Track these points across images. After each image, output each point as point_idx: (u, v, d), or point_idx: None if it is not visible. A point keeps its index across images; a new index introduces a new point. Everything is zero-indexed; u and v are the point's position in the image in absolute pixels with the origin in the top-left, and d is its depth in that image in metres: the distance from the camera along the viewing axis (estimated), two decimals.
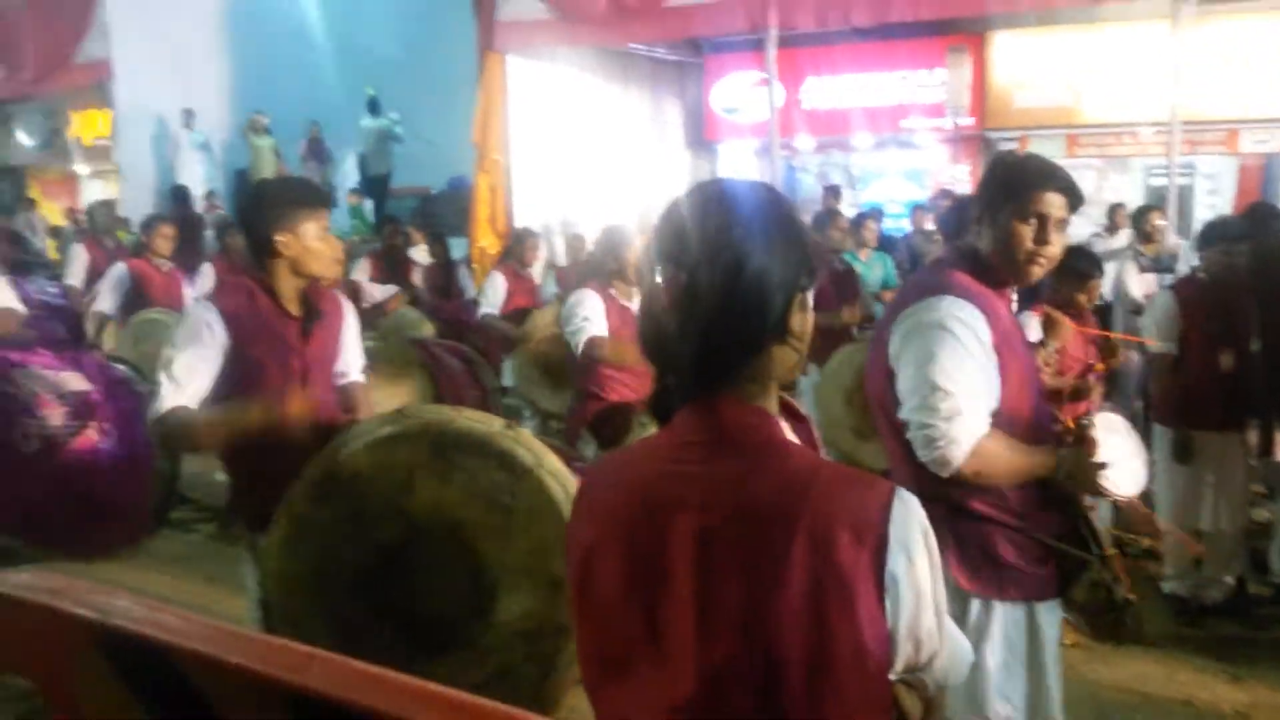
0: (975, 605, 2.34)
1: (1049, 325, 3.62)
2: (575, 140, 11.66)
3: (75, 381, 3.85)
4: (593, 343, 4.23)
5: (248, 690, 0.64)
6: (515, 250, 7.46)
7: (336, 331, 3.20)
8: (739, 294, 1.28)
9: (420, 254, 9.81)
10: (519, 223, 9.95)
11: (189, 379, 2.81)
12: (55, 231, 15.32)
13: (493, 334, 6.87)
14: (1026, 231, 2.31)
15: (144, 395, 3.99)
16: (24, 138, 17.48)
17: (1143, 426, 4.66)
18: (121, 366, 4.19)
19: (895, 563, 1.24)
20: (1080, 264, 4.40)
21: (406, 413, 2.74)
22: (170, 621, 0.68)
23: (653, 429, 1.42)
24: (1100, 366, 4.48)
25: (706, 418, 1.32)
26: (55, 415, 3.70)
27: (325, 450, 2.70)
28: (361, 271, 7.95)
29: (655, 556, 1.30)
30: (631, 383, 4.35)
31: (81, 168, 17.65)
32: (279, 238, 2.89)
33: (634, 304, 4.37)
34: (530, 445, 2.64)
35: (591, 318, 4.30)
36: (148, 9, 14.33)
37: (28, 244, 12.21)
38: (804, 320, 1.35)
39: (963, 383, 2.18)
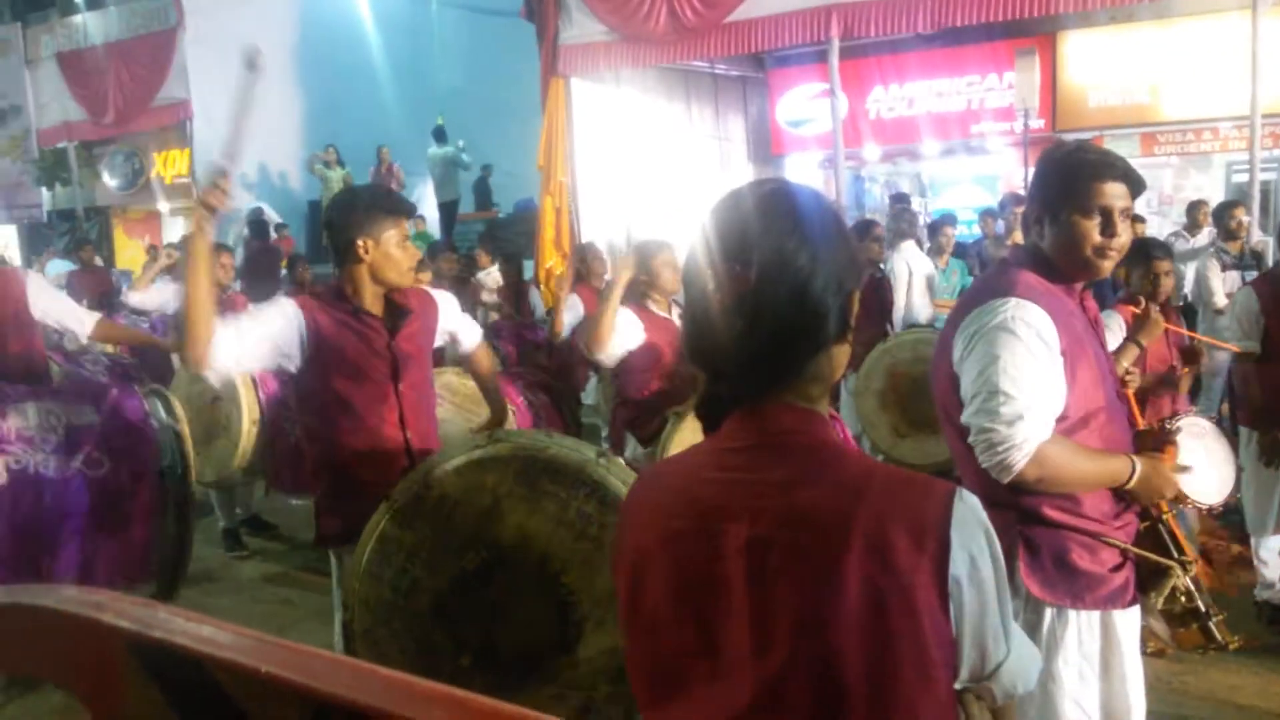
0: (1049, 614, 2.27)
1: (1141, 323, 3.50)
2: (640, 160, 11.72)
3: (82, 415, 3.86)
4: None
5: (280, 699, 0.64)
6: (582, 267, 7.50)
7: (430, 326, 3.25)
8: (809, 295, 1.26)
9: (486, 277, 9.94)
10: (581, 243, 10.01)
11: (246, 326, 2.89)
12: (152, 249, 15.84)
13: (576, 356, 6.86)
14: (1092, 226, 2.25)
15: (158, 428, 3.97)
16: (109, 178, 18.14)
17: (1229, 430, 4.49)
18: (154, 399, 4.15)
19: (958, 566, 1.20)
20: (1142, 247, 4.29)
21: (499, 435, 2.71)
22: (206, 632, 0.68)
23: (686, 421, 1.41)
24: (1185, 370, 4.34)
25: (755, 422, 1.29)
26: (36, 450, 3.69)
27: (415, 470, 2.70)
28: None
29: (706, 566, 1.28)
30: (658, 375, 4.35)
31: (163, 205, 18.27)
32: (360, 241, 2.98)
33: (673, 315, 4.41)
34: (623, 475, 2.55)
35: (621, 330, 4.28)
36: (223, 49, 14.73)
37: (117, 284, 12.68)
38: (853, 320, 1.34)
39: (1026, 386, 2.13)
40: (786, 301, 1.26)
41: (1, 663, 0.78)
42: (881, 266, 6.96)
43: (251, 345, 2.87)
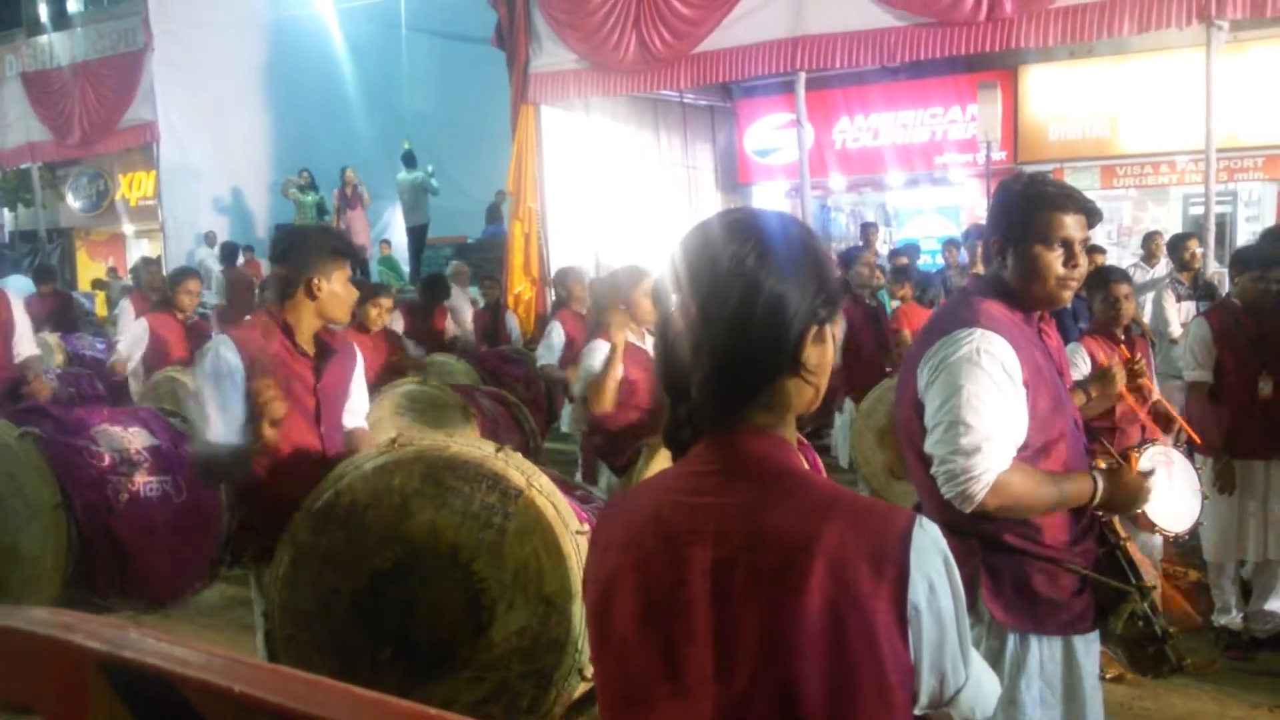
0: (1012, 639, 2.29)
1: (1100, 375, 3.49)
2: (609, 187, 11.79)
3: (142, 437, 4.01)
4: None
5: (252, 718, 0.65)
6: (562, 293, 7.43)
7: (348, 372, 3.33)
8: (750, 322, 1.27)
9: (459, 300, 9.92)
10: (554, 269, 10.05)
11: (231, 410, 2.98)
12: (99, 283, 15.68)
13: (552, 382, 6.83)
14: (1054, 258, 2.30)
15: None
16: (73, 200, 17.95)
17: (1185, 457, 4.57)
18: (175, 420, 4.30)
19: (917, 593, 1.22)
20: (1100, 273, 4.38)
21: (401, 441, 2.86)
22: (177, 652, 0.69)
23: (660, 451, 1.42)
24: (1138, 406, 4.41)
25: (722, 448, 1.31)
26: (137, 470, 3.87)
27: (324, 480, 2.83)
28: (396, 323, 8.02)
29: (672, 589, 1.29)
30: (643, 406, 4.36)
31: (128, 227, 18.10)
32: (316, 279, 3.09)
33: (645, 344, 4.42)
34: (521, 466, 2.75)
35: (596, 365, 4.31)
36: (191, 72, 14.77)
37: (76, 303, 12.54)
38: (822, 353, 1.33)
39: (987, 417, 2.16)
40: (725, 331, 1.28)
41: None
42: (879, 295, 6.96)
43: (235, 415, 2.98)
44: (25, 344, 4.74)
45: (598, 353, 4.33)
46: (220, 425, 2.96)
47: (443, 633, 2.71)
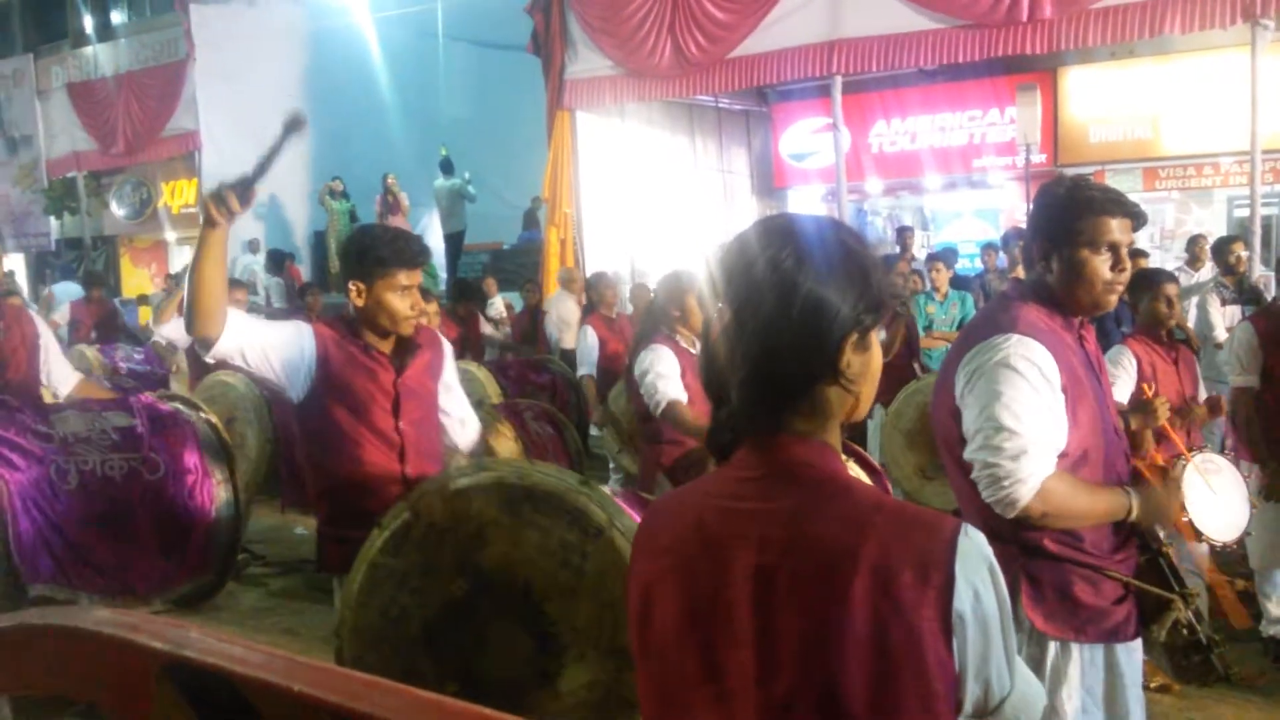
0: (1053, 647, 2.28)
1: (1143, 406, 3.42)
2: (644, 192, 11.81)
3: (117, 418, 3.94)
4: (673, 406, 4.10)
5: (312, 717, 0.67)
6: (594, 296, 7.50)
7: (434, 365, 3.24)
8: (786, 327, 1.27)
9: (490, 308, 10.01)
10: (589, 274, 10.09)
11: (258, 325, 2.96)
12: (143, 299, 15.93)
13: (588, 397, 6.83)
14: (1102, 263, 2.27)
15: (194, 424, 4.09)
16: (117, 208, 18.26)
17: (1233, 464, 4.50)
18: (173, 403, 4.25)
19: (962, 601, 1.21)
20: (1147, 275, 4.32)
21: (484, 464, 2.73)
22: (237, 652, 0.71)
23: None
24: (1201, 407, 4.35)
25: (763, 453, 1.31)
26: (94, 450, 3.77)
27: (405, 498, 2.71)
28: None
29: (714, 594, 1.30)
30: (704, 417, 4.28)
31: (170, 234, 18.37)
32: (352, 284, 3.02)
33: (698, 350, 4.35)
34: (604, 503, 2.52)
35: (667, 374, 4.17)
36: (232, 81, 14.97)
37: (119, 314, 12.75)
38: (865, 361, 1.32)
39: (1029, 422, 2.15)
40: (761, 335, 1.28)
41: (33, 684, 0.81)
42: (917, 299, 6.94)
43: (257, 342, 2.90)
44: (59, 368, 4.69)
45: (662, 359, 4.19)
46: (243, 327, 2.89)
47: (511, 674, 2.53)
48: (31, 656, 0.78)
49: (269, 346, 2.93)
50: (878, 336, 1.36)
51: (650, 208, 11.80)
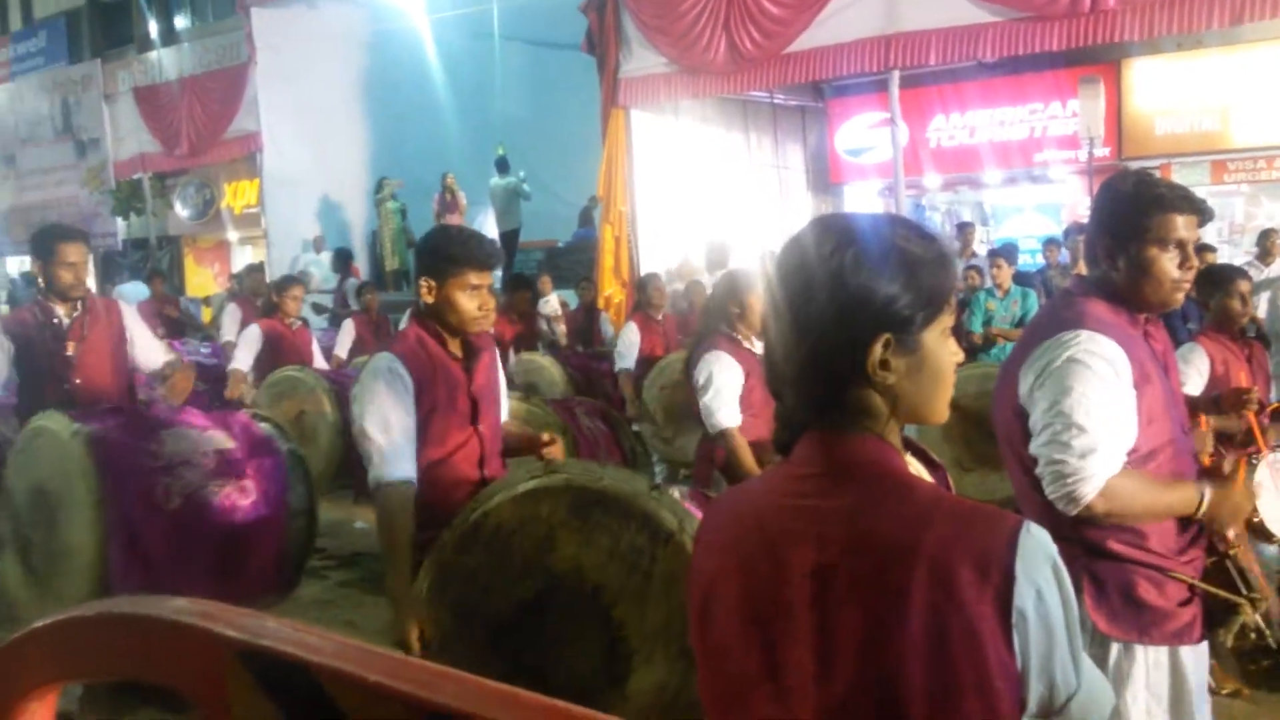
0: (1115, 649, 2.24)
1: (1238, 399, 3.33)
2: (699, 189, 11.80)
3: (220, 440, 4.06)
4: (728, 436, 4.09)
5: (387, 707, 0.68)
6: (642, 297, 7.59)
7: (495, 367, 3.30)
8: (819, 328, 1.28)
9: (545, 305, 10.08)
10: (644, 271, 10.10)
11: (405, 437, 2.92)
12: (208, 300, 16.30)
13: (628, 393, 6.91)
14: (1169, 261, 2.23)
15: (285, 453, 4.20)
16: (181, 208, 18.66)
17: None
18: (265, 425, 4.38)
19: (1023, 599, 1.20)
20: (1218, 272, 4.22)
21: (553, 466, 2.74)
22: (311, 641, 0.72)
23: None
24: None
25: (821, 450, 1.31)
26: (197, 473, 3.88)
27: (474, 499, 2.73)
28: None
29: (773, 591, 1.30)
30: (763, 415, 4.28)
31: (232, 234, 18.74)
32: (424, 281, 3.04)
33: (759, 348, 4.33)
34: (674, 508, 2.53)
35: (725, 391, 4.13)
36: (292, 84, 15.23)
37: (185, 308, 13.06)
38: (912, 361, 1.29)
39: (1097, 419, 2.11)
40: (802, 332, 1.29)
41: (117, 670, 0.83)
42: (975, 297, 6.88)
43: (411, 443, 2.96)
44: (151, 350, 4.86)
45: (722, 369, 4.16)
46: (394, 454, 2.90)
47: (580, 675, 2.54)
48: (110, 643, 0.81)
49: (413, 429, 2.97)
50: (941, 333, 1.32)
51: (705, 205, 11.78)
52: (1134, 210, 2.27)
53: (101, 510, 3.61)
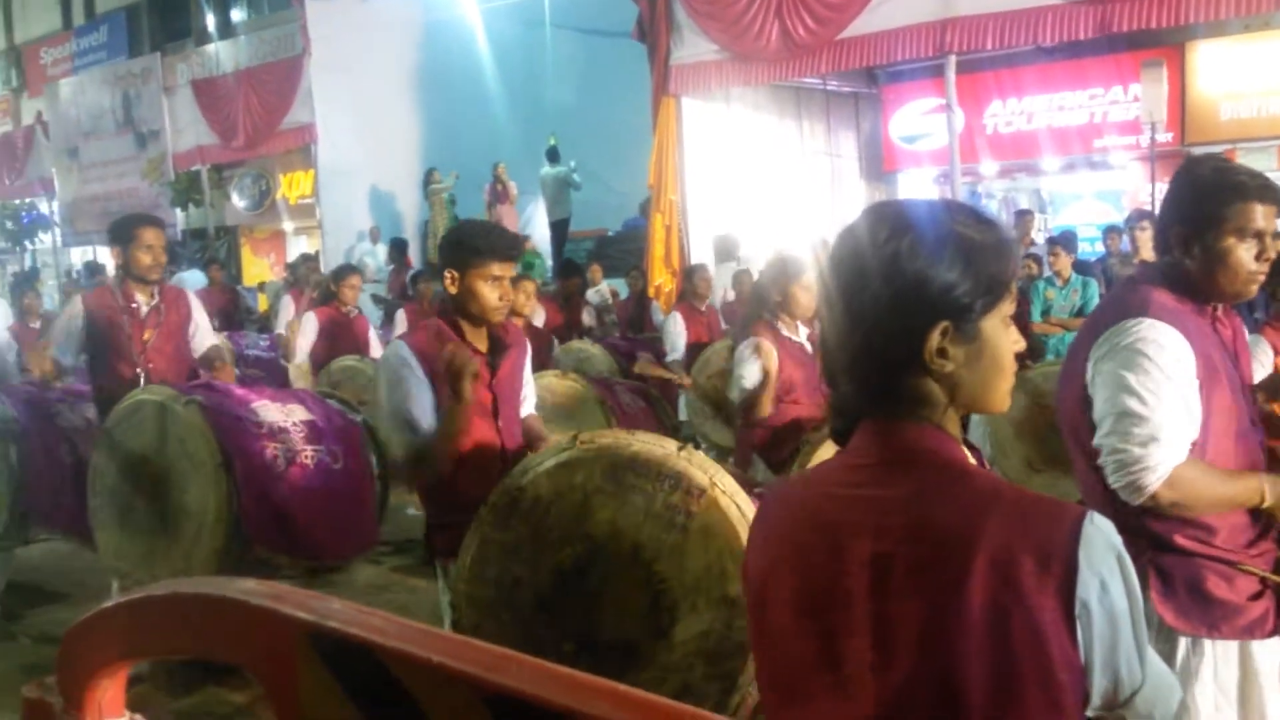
0: (1183, 644, 2.20)
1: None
2: (750, 177, 11.73)
3: (299, 413, 4.27)
4: (671, 364, 4.26)
5: (450, 687, 0.68)
6: (687, 287, 7.62)
7: (521, 363, 3.39)
8: (874, 315, 1.26)
9: (594, 294, 10.11)
10: (694, 260, 10.08)
11: (424, 414, 3.07)
12: (263, 286, 16.55)
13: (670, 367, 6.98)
14: (1246, 251, 2.17)
15: (360, 422, 4.36)
16: (237, 199, 18.96)
17: None
18: (332, 400, 4.59)
19: (1086, 590, 1.18)
20: None
21: (583, 438, 2.84)
22: (378, 623, 0.73)
23: (821, 448, 1.41)
24: None
25: (879, 439, 1.30)
26: (293, 439, 4.11)
27: (508, 476, 2.85)
28: (538, 316, 8.20)
29: (831, 581, 1.28)
30: (804, 401, 4.32)
31: (287, 225, 19.01)
32: (447, 272, 3.15)
33: (800, 337, 4.38)
34: (704, 466, 2.69)
35: (759, 373, 4.24)
36: (346, 75, 15.40)
37: (243, 300, 13.28)
38: (970, 349, 1.27)
39: (1161, 408, 2.07)
40: (857, 320, 1.27)
41: (186, 649, 0.84)
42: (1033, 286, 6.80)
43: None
44: (206, 336, 5.01)
45: (749, 362, 4.27)
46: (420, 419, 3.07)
47: (625, 631, 2.68)
48: (181, 623, 0.82)
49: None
50: (1001, 321, 1.30)
51: (756, 193, 11.71)
52: (1212, 198, 2.20)
53: (224, 472, 3.84)
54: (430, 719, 0.68)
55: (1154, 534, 2.18)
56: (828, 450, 4.05)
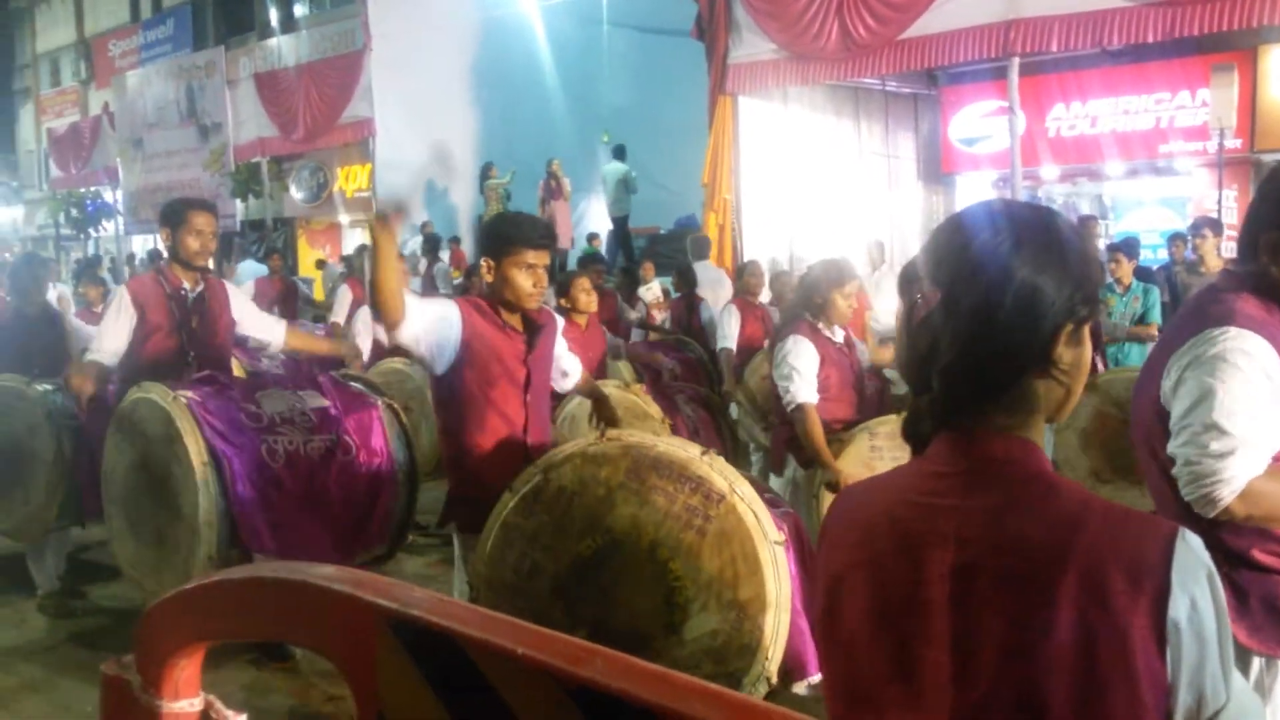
0: (1257, 663, 2.13)
1: None
2: (805, 177, 11.66)
3: (315, 398, 4.17)
4: (803, 411, 4.22)
5: (532, 679, 0.67)
6: (740, 284, 7.64)
7: (552, 341, 3.57)
8: (998, 314, 1.23)
9: (646, 292, 10.09)
10: (748, 259, 10.04)
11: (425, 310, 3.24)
12: (320, 263, 16.76)
13: (694, 367, 7.00)
14: None
15: (381, 406, 4.29)
16: (295, 191, 19.24)
17: None
18: (355, 383, 4.48)
19: (1177, 609, 1.15)
20: None
21: (610, 434, 2.96)
22: (460, 612, 0.72)
23: (851, 445, 1.38)
24: None
25: (963, 448, 1.27)
26: (299, 431, 3.99)
27: (535, 464, 2.96)
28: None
29: (908, 590, 1.26)
30: (840, 400, 4.34)
31: (343, 217, 19.25)
32: (483, 260, 3.37)
33: (838, 337, 4.43)
34: (725, 471, 2.80)
35: (804, 371, 4.26)
36: (405, 70, 15.55)
37: (299, 289, 13.45)
38: (1077, 355, 1.28)
39: (1242, 420, 2.01)
40: (969, 320, 1.24)
41: (263, 631, 0.84)
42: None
43: (429, 324, 3.24)
44: (259, 323, 5.00)
45: (801, 352, 4.29)
46: (418, 315, 3.19)
47: (637, 624, 2.78)
48: (259, 606, 0.82)
49: (431, 326, 3.25)
50: (1088, 333, 1.30)
51: (811, 193, 11.64)
52: None
53: (212, 472, 3.67)
54: (512, 710, 0.67)
55: (1229, 548, 2.12)
56: (858, 447, 4.14)
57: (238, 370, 6.01)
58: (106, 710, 0.91)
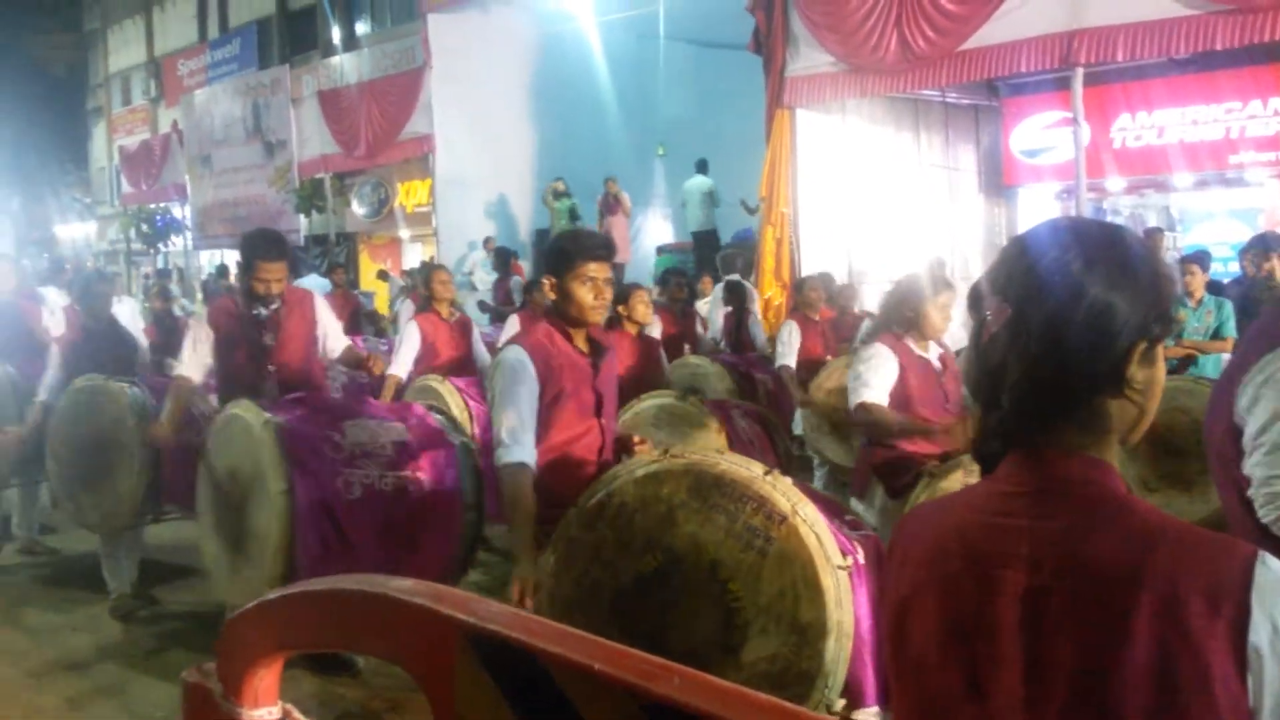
0: None
1: None
2: (863, 190, 11.57)
3: (398, 432, 4.28)
4: (865, 408, 4.06)
5: (610, 696, 0.67)
6: (799, 298, 7.58)
7: (614, 365, 3.58)
8: (1070, 332, 1.22)
9: (704, 305, 10.06)
10: (806, 273, 9.97)
11: (525, 425, 3.20)
12: (382, 274, 17.01)
13: (785, 384, 6.92)
14: None
15: (458, 446, 4.37)
16: (357, 207, 19.55)
17: None
18: (439, 417, 4.59)
19: (1258, 634, 1.11)
20: None
21: (673, 451, 2.93)
22: (537, 627, 0.73)
23: (941, 481, 1.37)
24: None
25: (1034, 467, 1.25)
26: (375, 464, 4.09)
27: (598, 480, 2.96)
28: (654, 328, 8.15)
29: (979, 612, 1.24)
30: (930, 418, 4.11)
31: (404, 232, 19.52)
32: (545, 278, 3.39)
33: (930, 354, 4.25)
34: (788, 492, 2.75)
35: (871, 380, 4.08)
36: (466, 86, 15.75)
37: (363, 304, 13.66)
38: (1151, 374, 1.26)
39: None
40: (1041, 338, 1.22)
41: (342, 643, 0.86)
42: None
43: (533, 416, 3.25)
44: (338, 337, 5.15)
45: (876, 361, 4.12)
46: (516, 443, 3.18)
47: (694, 645, 2.74)
48: (339, 618, 0.84)
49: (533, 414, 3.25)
50: (1161, 351, 1.28)
51: (869, 206, 11.54)
52: None
53: (288, 499, 3.83)
54: None
55: None
56: (952, 484, 3.83)
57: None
58: (188, 716, 0.93)
